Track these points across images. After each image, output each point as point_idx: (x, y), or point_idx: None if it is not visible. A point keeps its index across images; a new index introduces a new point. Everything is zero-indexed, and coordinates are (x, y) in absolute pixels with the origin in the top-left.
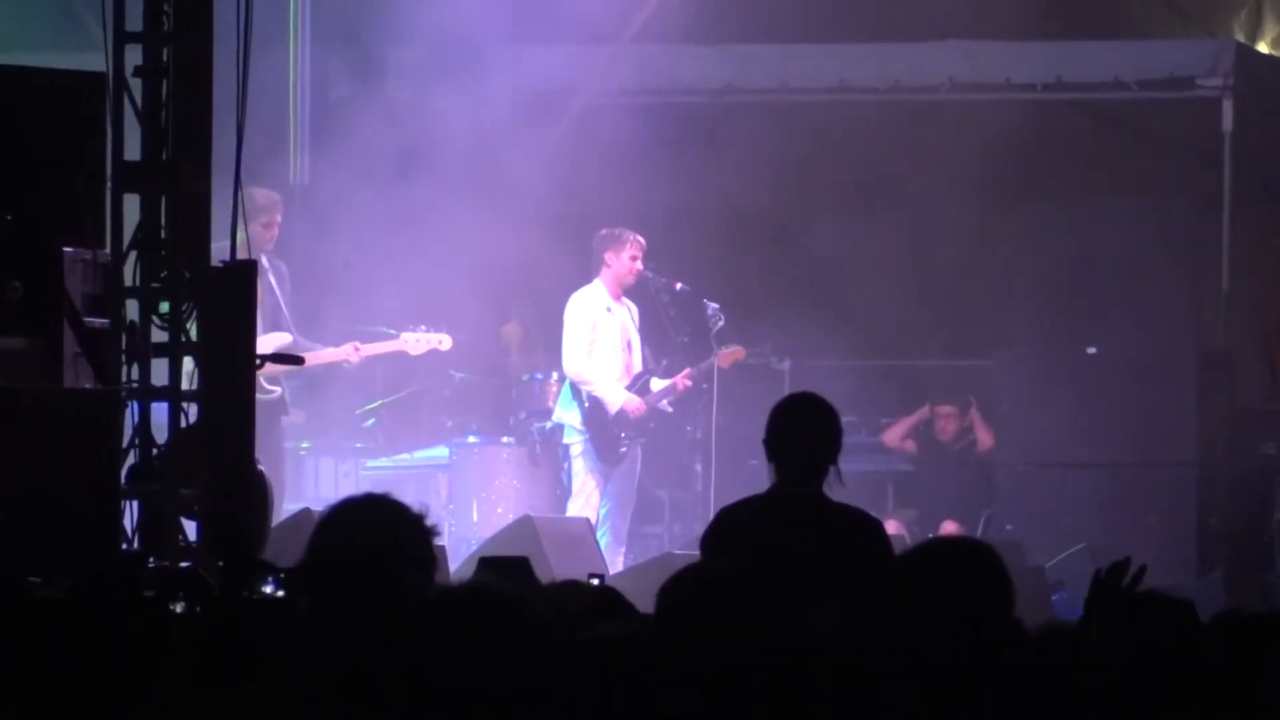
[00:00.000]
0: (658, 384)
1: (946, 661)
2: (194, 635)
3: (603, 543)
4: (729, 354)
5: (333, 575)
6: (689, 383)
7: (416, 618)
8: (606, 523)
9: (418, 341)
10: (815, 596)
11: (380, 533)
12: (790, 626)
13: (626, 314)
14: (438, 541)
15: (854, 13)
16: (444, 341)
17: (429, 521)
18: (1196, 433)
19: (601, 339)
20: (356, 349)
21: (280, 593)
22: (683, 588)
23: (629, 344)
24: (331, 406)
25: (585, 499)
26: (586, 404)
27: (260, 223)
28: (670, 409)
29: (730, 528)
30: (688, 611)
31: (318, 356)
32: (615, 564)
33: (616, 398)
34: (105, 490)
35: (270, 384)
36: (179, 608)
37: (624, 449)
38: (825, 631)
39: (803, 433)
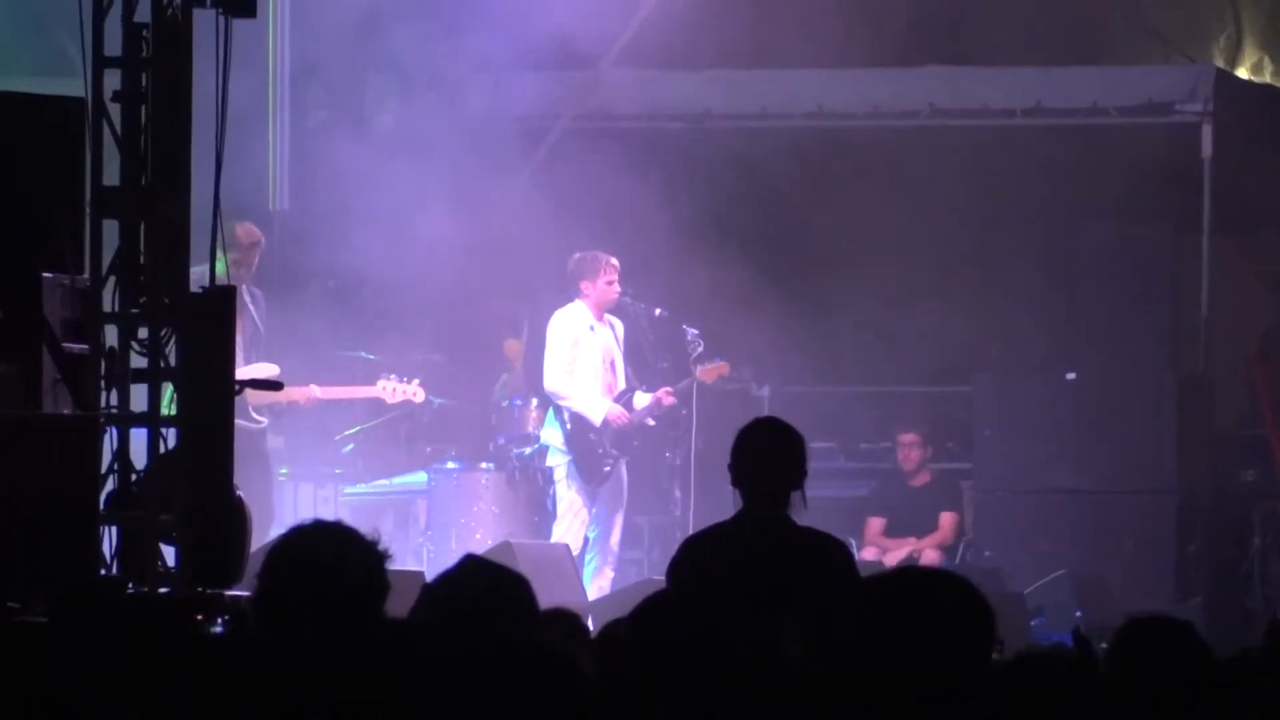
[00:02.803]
0: (641, 399)
1: (917, 692)
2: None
3: (591, 565)
4: (712, 369)
5: (283, 599)
6: (673, 399)
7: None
8: (595, 547)
9: (393, 391)
10: (784, 624)
11: (331, 559)
12: (759, 656)
13: (610, 333)
14: (414, 567)
15: (833, 38)
16: (418, 394)
17: (381, 546)
18: (1175, 459)
19: (583, 357)
20: (311, 393)
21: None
22: (650, 616)
23: (612, 363)
24: (310, 432)
25: (572, 518)
26: (569, 425)
27: (232, 259)
28: (653, 422)
29: (697, 555)
30: (654, 640)
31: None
32: (603, 587)
33: (598, 409)
34: (84, 516)
35: (258, 414)
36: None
37: (608, 468)
38: (794, 661)
39: (767, 458)
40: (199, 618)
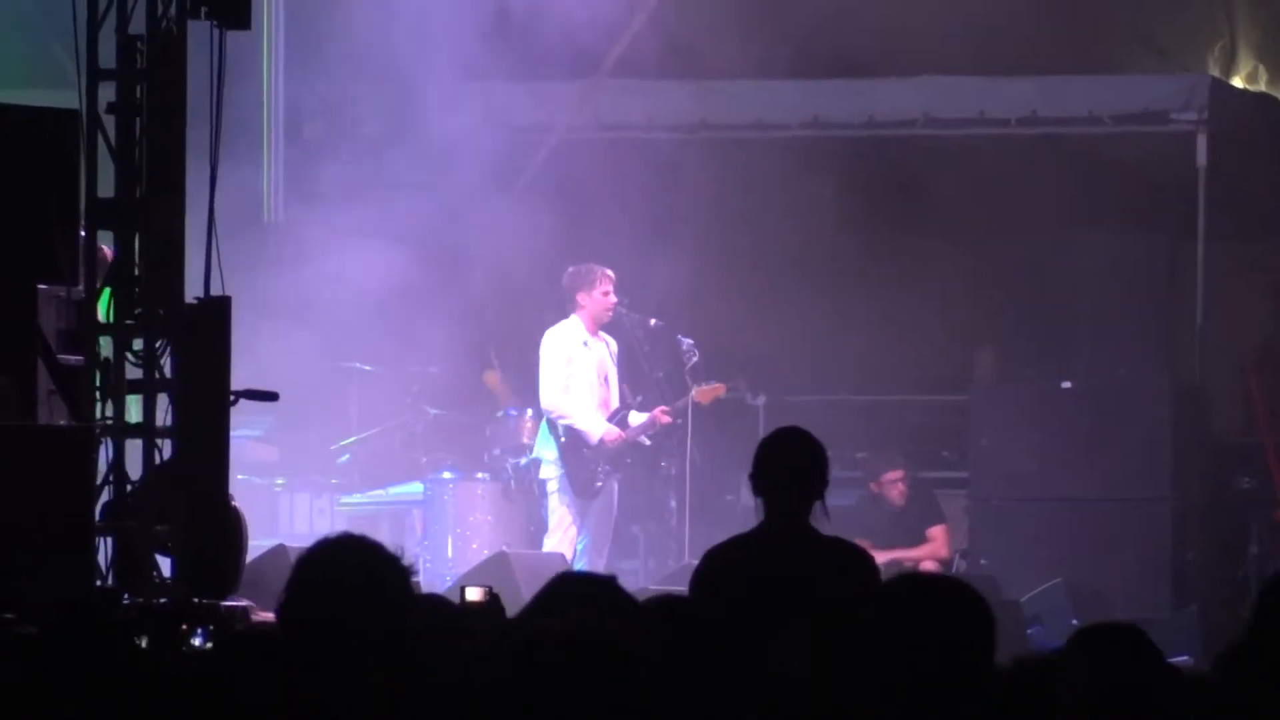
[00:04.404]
0: (636, 418)
1: (919, 698)
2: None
3: None
4: (708, 390)
5: (312, 615)
6: (668, 418)
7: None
8: (583, 558)
9: None
10: (796, 632)
11: (359, 572)
12: (761, 664)
13: (604, 349)
14: (413, 579)
15: (828, 48)
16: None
17: (405, 560)
18: (1172, 466)
19: (577, 374)
20: None
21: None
22: (654, 620)
23: (606, 379)
24: (306, 442)
25: (562, 534)
26: (563, 439)
27: None
28: (648, 442)
29: (721, 565)
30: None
31: None
32: None
33: (596, 428)
34: (79, 527)
35: None
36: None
37: (600, 483)
38: (796, 669)
39: (791, 467)
40: (183, 629)
